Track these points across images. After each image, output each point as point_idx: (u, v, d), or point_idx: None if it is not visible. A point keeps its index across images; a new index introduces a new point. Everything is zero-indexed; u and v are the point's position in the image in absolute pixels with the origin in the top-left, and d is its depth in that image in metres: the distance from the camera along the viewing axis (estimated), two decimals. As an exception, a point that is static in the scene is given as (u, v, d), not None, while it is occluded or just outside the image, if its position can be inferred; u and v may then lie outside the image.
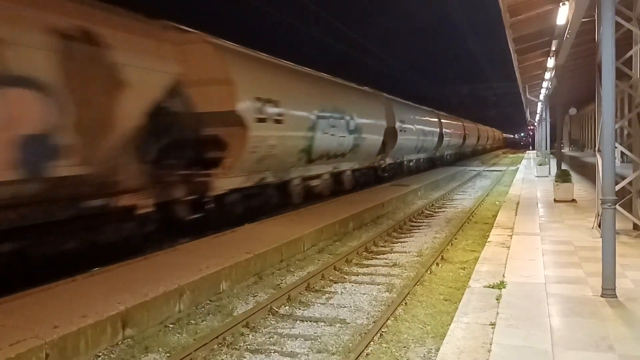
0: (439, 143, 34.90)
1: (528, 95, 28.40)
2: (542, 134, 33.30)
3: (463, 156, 50.25)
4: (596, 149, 9.59)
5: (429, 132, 31.38)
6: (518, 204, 14.99)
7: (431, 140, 32.45)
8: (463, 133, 46.05)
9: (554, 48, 14.49)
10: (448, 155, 41.86)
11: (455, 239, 11.94)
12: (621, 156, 15.31)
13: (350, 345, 6.00)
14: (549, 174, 24.49)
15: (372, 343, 5.94)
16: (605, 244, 6.11)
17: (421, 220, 15.10)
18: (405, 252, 10.81)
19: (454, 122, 41.99)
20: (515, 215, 12.84)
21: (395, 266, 9.68)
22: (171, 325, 6.68)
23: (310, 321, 6.84)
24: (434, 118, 33.91)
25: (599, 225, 9.50)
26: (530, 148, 77.73)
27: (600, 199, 6.46)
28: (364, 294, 8.01)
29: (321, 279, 8.72)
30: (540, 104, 31.36)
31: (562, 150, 25.35)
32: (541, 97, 28.25)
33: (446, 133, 36.59)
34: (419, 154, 31.17)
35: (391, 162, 25.21)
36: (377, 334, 6.16)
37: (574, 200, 14.85)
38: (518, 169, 35.11)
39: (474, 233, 12.70)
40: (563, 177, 15.55)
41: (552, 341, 4.82)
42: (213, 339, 6.02)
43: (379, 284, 8.48)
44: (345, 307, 7.39)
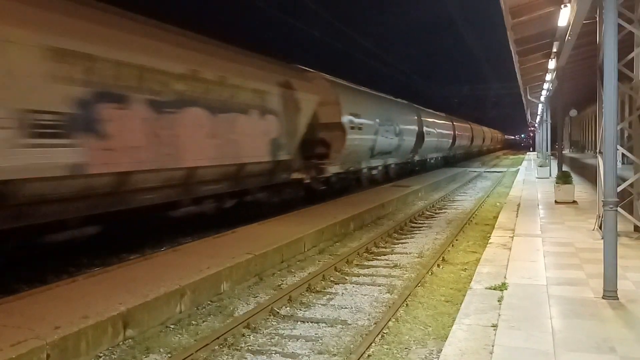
0: (452, 144, 40.39)
1: (529, 97, 28.39)
2: (543, 136, 33.31)
3: (470, 155, 55.99)
4: (597, 151, 9.58)
5: (446, 135, 37.20)
6: (519, 205, 14.98)
7: (447, 142, 38.03)
8: (471, 135, 51.77)
9: (555, 50, 14.49)
10: (459, 155, 47.87)
11: (456, 240, 11.93)
12: (622, 158, 15.34)
13: (352, 346, 6.00)
14: (550, 175, 24.49)
15: (374, 344, 5.94)
16: (607, 245, 6.10)
17: (422, 221, 15.10)
18: (406, 253, 10.81)
19: (463, 125, 47.82)
20: (516, 216, 12.84)
21: (396, 267, 9.67)
22: (172, 326, 6.68)
23: (311, 322, 6.83)
24: (449, 122, 39.53)
25: (600, 227, 9.50)
26: (531, 149, 77.74)
27: (602, 201, 6.45)
28: (365, 295, 8.01)
29: (322, 280, 8.72)
30: (540, 106, 31.37)
31: (563, 152, 25.33)
32: (542, 99, 28.23)
33: (458, 135, 42.23)
34: (437, 153, 36.82)
35: (419, 159, 30.96)
36: (379, 335, 6.16)
37: (574, 202, 14.85)
38: (518, 170, 35.09)
39: (474, 234, 12.70)
40: (564, 179, 15.54)
41: (554, 343, 4.82)
42: (214, 340, 6.02)
43: (380, 285, 8.48)
44: (346, 308, 7.39)
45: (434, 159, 36.42)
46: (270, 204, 14.30)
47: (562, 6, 10.25)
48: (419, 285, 8.27)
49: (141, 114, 8.99)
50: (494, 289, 6.61)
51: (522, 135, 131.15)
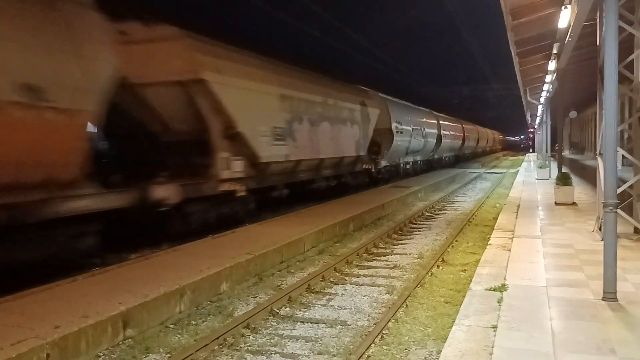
0: (462, 145, 46.92)
1: (529, 98, 28.39)
2: (543, 137, 33.31)
3: (476, 155, 61.27)
4: (597, 152, 9.58)
5: (457, 137, 44.21)
6: (518, 206, 14.99)
7: (457, 143, 44.69)
8: (477, 137, 57.78)
9: (555, 51, 14.50)
10: (467, 154, 53.90)
11: (456, 241, 11.94)
12: (622, 159, 15.34)
13: (351, 347, 6.00)
14: (550, 176, 24.49)
15: (373, 345, 5.94)
16: (607, 247, 6.11)
17: (421, 222, 15.10)
18: (406, 254, 10.82)
19: (470, 127, 53.69)
20: (516, 217, 12.85)
21: (395, 268, 9.67)
22: (172, 326, 6.68)
23: (311, 322, 6.83)
24: (459, 125, 46.26)
25: (600, 229, 9.50)
26: (531, 150, 77.78)
27: (602, 203, 6.46)
28: (365, 295, 8.01)
29: (322, 280, 8.72)
30: (540, 107, 31.37)
31: (563, 153, 25.34)
32: (542, 100, 28.24)
33: (466, 137, 48.45)
34: (450, 152, 43.36)
35: (437, 157, 37.84)
36: (378, 336, 6.16)
37: (574, 203, 14.86)
38: (518, 171, 35.12)
39: (474, 235, 12.70)
40: (564, 180, 15.56)
41: (554, 344, 4.82)
42: (214, 340, 6.02)
43: (379, 286, 8.48)
44: (345, 309, 7.39)
45: (448, 157, 42.79)
46: (352, 185, 20.36)
47: (563, 8, 10.25)
48: (419, 286, 8.27)
49: (306, 127, 15.52)
50: (494, 290, 6.62)
51: (522, 137, 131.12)
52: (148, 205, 9.51)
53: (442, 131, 36.11)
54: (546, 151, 31.49)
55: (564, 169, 19.92)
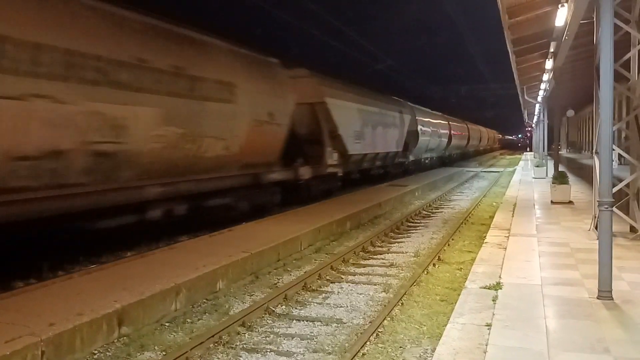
0: (467, 143, 52.75)
1: (526, 97, 28.45)
2: (540, 136, 33.36)
3: (478, 153, 66.91)
4: (593, 151, 9.60)
5: (463, 137, 49.65)
6: (515, 205, 15.01)
7: (463, 142, 50.17)
8: (479, 136, 63.19)
9: (552, 50, 14.51)
10: (471, 152, 59.87)
11: (452, 239, 11.95)
12: (618, 158, 15.36)
13: (347, 345, 6.00)
14: (546, 175, 24.52)
15: (369, 343, 5.95)
16: (602, 246, 6.12)
17: (418, 221, 15.11)
18: (402, 253, 10.82)
19: (474, 127, 59.32)
20: (512, 216, 12.86)
21: (392, 266, 9.68)
22: (167, 324, 6.67)
23: (307, 321, 6.84)
24: (464, 125, 51.76)
25: (596, 227, 9.51)
26: (528, 149, 77.89)
27: (597, 201, 6.46)
28: (361, 293, 8.01)
29: (318, 279, 8.72)
30: (538, 106, 31.40)
31: (560, 152, 25.38)
32: (539, 99, 28.28)
33: (470, 137, 54.15)
34: (457, 150, 48.89)
35: (447, 154, 43.49)
36: (374, 334, 6.17)
37: (570, 202, 14.88)
38: (515, 170, 35.15)
39: (470, 234, 12.72)
40: (560, 179, 15.58)
41: (548, 343, 4.83)
42: (209, 338, 6.02)
43: (375, 284, 8.49)
44: (341, 307, 7.39)
45: (456, 154, 48.84)
46: (392, 173, 26.29)
47: (560, 6, 10.26)
48: (415, 284, 8.28)
49: (370, 130, 21.17)
50: (489, 289, 6.62)
51: (519, 136, 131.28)
52: (297, 179, 15.61)
53: (452, 132, 41.98)
54: (543, 150, 31.54)
55: (561, 168, 19.93)
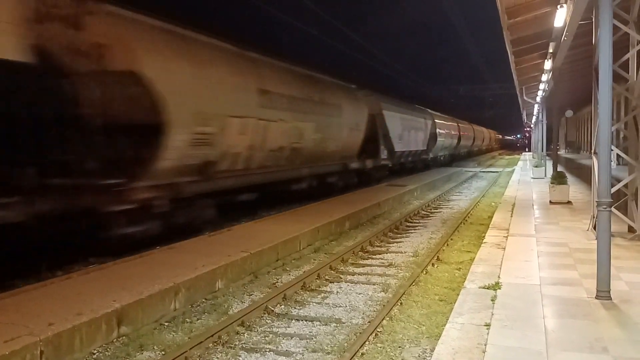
0: (473, 143, 59.09)
1: (525, 97, 28.47)
2: (539, 136, 33.39)
3: (480, 152, 72.24)
4: (592, 152, 9.61)
5: (469, 137, 55.48)
6: (514, 205, 15.03)
7: (469, 142, 56.44)
8: (482, 137, 69.45)
9: (551, 50, 14.54)
10: (476, 151, 66.05)
11: (451, 239, 11.96)
12: (617, 159, 15.38)
13: (346, 344, 6.01)
14: (545, 175, 24.54)
15: (367, 343, 5.95)
16: (601, 246, 6.13)
17: (417, 221, 15.12)
18: (401, 252, 10.83)
19: (477, 128, 65.32)
20: (511, 216, 12.87)
21: (391, 266, 9.69)
22: (166, 324, 6.67)
23: (306, 320, 6.84)
24: (470, 126, 57.93)
25: (594, 227, 9.52)
26: (527, 149, 77.95)
27: (596, 201, 6.48)
28: (360, 293, 8.02)
29: (317, 279, 8.73)
30: (536, 106, 31.46)
31: (558, 152, 25.42)
32: (538, 99, 28.31)
33: (476, 137, 60.61)
34: (464, 149, 55.04)
35: (457, 153, 49.26)
36: (373, 334, 6.17)
37: (569, 202, 14.89)
38: (514, 170, 35.18)
39: (469, 234, 12.73)
40: (559, 179, 15.59)
41: (547, 342, 4.84)
42: (208, 338, 6.02)
43: (374, 284, 8.49)
44: (340, 307, 7.40)
45: (463, 152, 55.16)
46: (419, 167, 32.68)
47: (559, 7, 10.27)
48: (414, 284, 8.29)
49: (406, 133, 27.11)
50: (488, 289, 6.63)
51: (518, 136, 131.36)
52: (364, 168, 21.67)
53: (461, 133, 48.28)
54: (542, 150, 31.56)
55: (560, 168, 19.96)
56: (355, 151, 20.40)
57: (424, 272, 9.02)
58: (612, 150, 7.70)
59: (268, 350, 5.89)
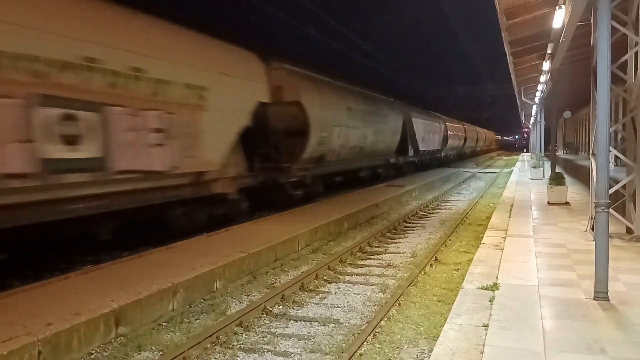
0: (475, 143, 64.15)
1: (523, 98, 28.49)
2: (537, 137, 33.44)
3: (482, 151, 77.90)
4: (590, 153, 9.62)
5: (473, 138, 60.55)
6: (512, 206, 15.04)
7: (473, 142, 61.49)
8: (484, 137, 75.24)
9: (549, 51, 14.56)
10: (478, 150, 71.32)
11: (449, 240, 11.97)
12: (615, 160, 15.41)
13: (344, 345, 6.01)
14: (543, 176, 24.57)
15: (366, 343, 5.96)
16: (599, 247, 6.14)
17: (415, 221, 15.13)
18: (399, 253, 10.84)
19: (480, 130, 70.49)
20: (509, 217, 12.88)
21: (389, 267, 9.70)
22: (164, 324, 6.67)
23: (304, 321, 6.85)
24: (474, 128, 63.17)
25: (592, 228, 9.54)
26: (525, 150, 78.10)
27: (594, 202, 6.49)
28: (358, 294, 8.02)
29: (315, 279, 8.73)
30: (535, 107, 31.49)
31: (556, 153, 25.46)
32: (536, 100, 28.34)
33: (479, 138, 66.60)
34: (469, 149, 59.96)
35: (462, 152, 54.36)
36: (371, 335, 6.18)
37: (567, 203, 14.91)
38: (512, 171, 35.22)
39: (467, 235, 12.74)
40: (557, 180, 15.60)
41: (545, 343, 4.85)
42: (206, 338, 6.02)
43: (372, 285, 8.50)
44: (339, 307, 7.40)
45: (468, 152, 60.05)
46: (433, 164, 37.35)
47: (557, 8, 10.29)
48: (412, 284, 8.30)
49: (427, 135, 32.97)
50: (486, 289, 6.64)
51: (516, 137, 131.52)
52: (397, 163, 27.15)
53: (466, 134, 53.36)
54: (540, 151, 31.60)
55: (558, 169, 19.98)
56: (393, 150, 26.35)
57: (422, 273, 9.03)
58: (610, 151, 7.71)
59: (266, 350, 5.89)
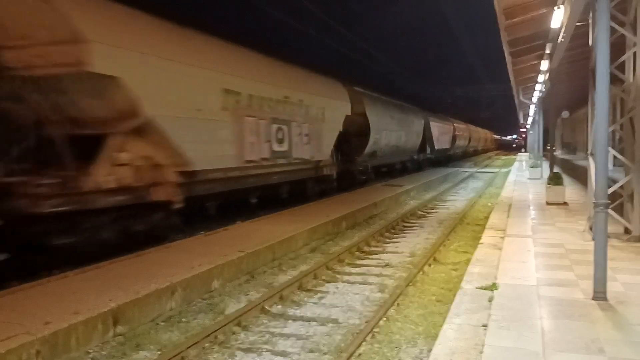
0: (478, 143, 68.79)
1: (521, 98, 28.49)
2: (535, 137, 33.48)
3: (484, 150, 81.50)
4: (588, 153, 9.63)
5: (475, 139, 64.69)
6: (510, 206, 15.05)
7: (476, 142, 66.41)
8: (486, 137, 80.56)
9: (548, 51, 14.54)
10: (480, 150, 75.11)
11: (448, 240, 11.98)
12: (613, 160, 15.40)
13: (343, 345, 6.01)
14: (541, 176, 24.60)
15: (364, 343, 5.96)
16: (597, 247, 6.14)
17: (414, 221, 15.14)
18: (398, 253, 10.84)
19: (480, 130, 74.83)
20: (507, 217, 12.89)
21: (387, 266, 9.70)
22: (162, 323, 6.67)
23: (303, 320, 6.84)
24: (476, 129, 67.68)
25: (590, 229, 9.55)
26: (523, 150, 78.23)
27: (593, 202, 6.49)
28: (356, 294, 8.02)
29: (313, 279, 8.72)
30: (533, 107, 31.51)
31: (554, 153, 25.49)
32: (534, 100, 28.36)
33: (480, 138, 71.12)
34: (473, 148, 64.24)
35: (467, 150, 58.62)
36: (369, 334, 6.18)
37: (565, 203, 14.93)
38: (510, 171, 35.26)
39: (466, 234, 12.75)
40: (555, 180, 15.62)
41: (544, 343, 4.85)
42: (205, 337, 6.02)
43: (371, 284, 8.50)
44: (337, 307, 7.40)
45: (472, 150, 64.18)
46: (444, 161, 42.86)
47: (556, 8, 10.28)
48: (410, 284, 8.30)
49: (441, 136, 39.19)
50: (485, 289, 6.65)
51: (514, 136, 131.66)
52: (417, 159, 33.32)
53: (471, 134, 58.55)
54: (538, 151, 31.64)
55: (556, 169, 20.00)
56: (417, 148, 31.89)
57: (421, 273, 9.03)
58: (609, 151, 7.71)
59: (265, 350, 5.88)
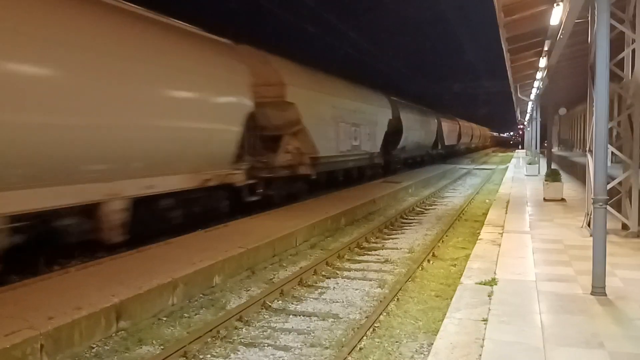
0: (479, 140, 73.35)
1: (519, 95, 28.51)
2: (532, 134, 33.54)
3: (484, 147, 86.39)
4: (587, 149, 9.68)
5: (477, 136, 70.14)
6: (508, 202, 15.11)
7: (477, 140, 71.09)
8: (486, 134, 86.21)
9: (546, 48, 14.56)
10: (481, 146, 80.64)
11: (446, 236, 12.03)
12: (611, 156, 15.46)
13: (344, 339, 6.06)
14: (539, 173, 24.68)
15: (365, 338, 6.01)
16: (596, 242, 6.19)
17: (412, 217, 15.19)
18: (397, 249, 10.89)
19: (482, 127, 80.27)
20: (506, 213, 12.95)
21: (387, 262, 9.75)
22: (165, 318, 6.70)
23: (304, 316, 6.89)
24: (477, 126, 71.71)
25: (589, 224, 9.62)
26: (520, 147, 78.41)
27: (592, 198, 6.54)
28: (356, 289, 8.07)
29: (314, 274, 8.77)
30: (530, 104, 31.53)
31: (552, 150, 25.57)
32: (532, 97, 28.39)
33: (481, 135, 76.21)
34: (473, 144, 67.59)
35: (469, 146, 63.47)
36: (370, 329, 6.23)
37: (563, 200, 15.00)
38: (508, 167, 35.35)
39: (464, 231, 12.81)
40: (553, 177, 15.68)
41: (544, 337, 4.90)
42: (207, 332, 6.05)
43: (371, 280, 8.55)
44: (337, 302, 7.45)
45: (475, 146, 69.40)
46: (451, 155, 49.04)
47: (555, 5, 10.30)
48: (410, 280, 8.35)
49: (450, 135, 46.27)
50: (484, 284, 6.69)
51: (512, 133, 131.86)
52: (431, 154, 39.32)
53: (473, 132, 63.71)
54: (535, 148, 31.71)
55: (553, 166, 20.08)
56: (431, 144, 37.33)
57: (420, 268, 9.08)
58: (608, 148, 7.76)
59: (267, 345, 5.93)
